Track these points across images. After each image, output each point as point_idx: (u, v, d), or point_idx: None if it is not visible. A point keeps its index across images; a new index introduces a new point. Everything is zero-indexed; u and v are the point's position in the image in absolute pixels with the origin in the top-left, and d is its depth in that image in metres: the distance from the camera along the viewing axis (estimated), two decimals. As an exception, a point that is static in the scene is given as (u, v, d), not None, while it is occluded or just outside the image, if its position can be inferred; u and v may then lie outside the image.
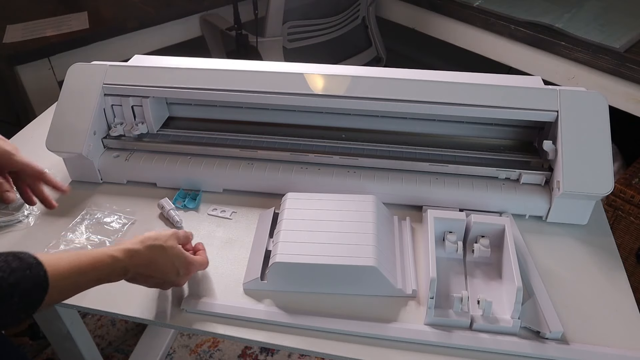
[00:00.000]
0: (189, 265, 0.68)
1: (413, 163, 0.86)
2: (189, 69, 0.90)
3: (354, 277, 0.69)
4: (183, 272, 0.67)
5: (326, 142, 0.91)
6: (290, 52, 1.75)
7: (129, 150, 0.92)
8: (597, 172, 0.77)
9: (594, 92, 0.82)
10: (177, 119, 0.99)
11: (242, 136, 0.93)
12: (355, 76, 0.87)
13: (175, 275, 0.66)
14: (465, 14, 1.66)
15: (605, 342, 0.65)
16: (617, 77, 1.35)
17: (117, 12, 1.63)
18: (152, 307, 0.70)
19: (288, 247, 0.70)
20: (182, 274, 0.67)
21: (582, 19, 1.51)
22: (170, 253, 0.65)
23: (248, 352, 1.45)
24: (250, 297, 0.71)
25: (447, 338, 0.64)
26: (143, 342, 1.41)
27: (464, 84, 0.84)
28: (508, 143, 0.92)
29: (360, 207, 0.76)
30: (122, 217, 0.83)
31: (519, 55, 1.57)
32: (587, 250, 0.78)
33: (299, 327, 0.67)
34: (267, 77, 0.88)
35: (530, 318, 0.66)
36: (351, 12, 1.89)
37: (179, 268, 0.66)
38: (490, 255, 0.73)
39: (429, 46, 1.98)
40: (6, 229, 0.82)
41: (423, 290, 0.71)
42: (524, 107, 0.82)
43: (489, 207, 0.83)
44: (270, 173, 0.87)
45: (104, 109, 0.91)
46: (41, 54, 1.43)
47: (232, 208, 0.86)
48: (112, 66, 0.92)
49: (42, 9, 1.64)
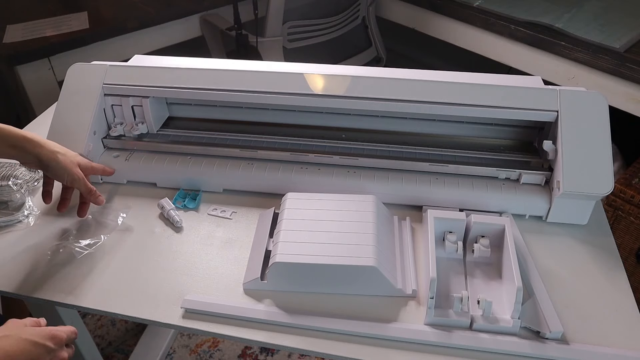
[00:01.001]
0: (55, 335, 0.59)
1: (413, 163, 0.86)
2: (189, 69, 0.90)
3: (354, 277, 0.69)
4: (54, 344, 0.59)
5: (326, 142, 0.91)
6: (290, 52, 1.75)
7: (129, 150, 0.92)
8: (597, 172, 0.77)
9: (594, 92, 0.82)
10: (177, 119, 0.99)
11: (242, 136, 0.93)
12: (355, 76, 0.87)
13: (49, 351, 0.58)
14: (465, 14, 1.66)
15: (605, 342, 0.65)
16: (617, 77, 1.35)
17: (117, 12, 1.64)
18: (152, 307, 0.69)
19: (288, 247, 0.70)
20: (55, 347, 0.59)
21: (582, 19, 1.51)
22: (23, 335, 0.57)
23: (248, 352, 1.45)
24: (250, 297, 0.71)
25: (447, 338, 0.64)
26: (143, 342, 1.41)
27: (464, 84, 0.84)
28: (508, 143, 0.92)
29: (360, 207, 0.76)
30: (123, 217, 0.83)
31: (519, 55, 1.57)
32: (587, 250, 0.78)
33: (299, 327, 0.67)
34: (267, 77, 0.88)
35: (530, 318, 0.66)
36: (351, 12, 1.89)
37: (44, 343, 0.58)
38: (490, 255, 0.73)
39: (429, 46, 1.98)
40: (6, 229, 0.82)
41: (423, 290, 0.71)
42: (524, 107, 0.82)
43: (489, 207, 0.83)
44: (270, 173, 0.87)
45: (104, 109, 0.91)
46: (41, 54, 1.43)
47: (232, 208, 0.86)
48: (112, 66, 0.92)
49: (42, 9, 1.64)
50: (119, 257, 0.77)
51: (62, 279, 0.74)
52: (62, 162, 0.76)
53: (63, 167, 0.76)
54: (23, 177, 0.89)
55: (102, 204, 0.82)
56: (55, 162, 0.75)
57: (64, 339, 0.61)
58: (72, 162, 0.78)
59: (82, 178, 0.79)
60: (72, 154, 0.80)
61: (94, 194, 0.80)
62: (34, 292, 0.72)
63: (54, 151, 0.76)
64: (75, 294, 0.71)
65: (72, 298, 0.71)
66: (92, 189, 0.80)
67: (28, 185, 0.88)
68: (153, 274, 0.74)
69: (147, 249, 0.79)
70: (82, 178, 0.78)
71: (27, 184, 0.88)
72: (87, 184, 0.79)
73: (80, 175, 0.78)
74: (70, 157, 0.78)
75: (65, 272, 0.75)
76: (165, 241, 0.80)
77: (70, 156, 0.79)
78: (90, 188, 0.80)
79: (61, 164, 0.76)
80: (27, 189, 0.87)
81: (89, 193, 0.80)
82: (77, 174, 0.78)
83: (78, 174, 0.78)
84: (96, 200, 0.81)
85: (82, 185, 0.79)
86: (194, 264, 0.76)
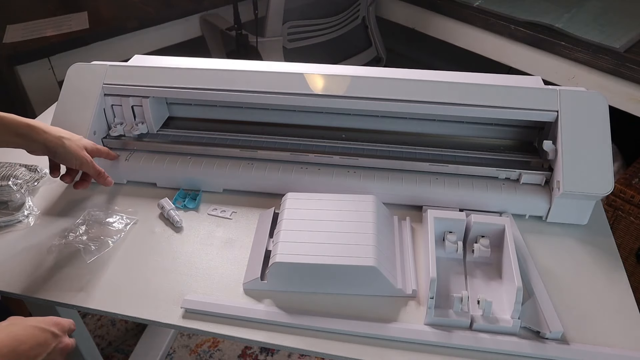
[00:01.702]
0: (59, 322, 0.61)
1: (413, 163, 0.86)
2: (189, 69, 0.90)
3: (354, 277, 0.69)
4: (59, 330, 0.60)
5: (326, 142, 0.91)
6: (290, 52, 1.75)
7: (129, 150, 0.92)
8: (597, 172, 0.77)
9: (594, 92, 0.82)
10: (177, 119, 0.99)
11: (242, 136, 0.93)
12: (355, 76, 0.87)
13: (54, 337, 0.59)
14: (465, 14, 1.66)
15: (605, 342, 0.65)
16: (617, 77, 1.35)
17: (117, 12, 1.64)
18: (152, 307, 0.70)
19: (288, 247, 0.70)
20: (60, 333, 0.60)
21: (582, 19, 1.51)
22: (29, 322, 0.59)
23: (248, 352, 1.45)
24: (250, 297, 0.71)
25: (447, 338, 0.64)
26: (143, 342, 1.41)
27: (464, 84, 0.84)
28: (508, 143, 0.92)
29: (360, 207, 0.76)
30: (124, 217, 0.83)
31: (519, 55, 1.57)
32: (587, 250, 0.78)
33: (299, 327, 0.67)
34: (267, 77, 0.88)
35: (530, 318, 0.66)
36: (351, 12, 1.89)
37: (50, 328, 0.59)
38: (490, 255, 0.73)
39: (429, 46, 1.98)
40: (6, 229, 0.82)
41: (423, 290, 0.71)
42: (524, 107, 0.82)
43: (489, 207, 0.83)
44: (270, 173, 0.87)
45: (104, 109, 0.91)
46: (41, 54, 1.43)
47: (232, 208, 0.86)
48: (112, 66, 0.92)
49: (42, 9, 1.64)
50: (119, 257, 0.77)
51: (62, 279, 0.74)
52: (69, 147, 0.76)
53: (70, 151, 0.76)
54: (23, 177, 0.89)
55: (110, 185, 0.84)
56: (62, 148, 0.76)
57: (66, 327, 0.62)
58: (78, 146, 0.78)
59: (90, 161, 0.79)
60: (77, 138, 0.80)
61: (103, 175, 0.81)
62: (34, 292, 0.72)
63: (60, 137, 0.76)
64: (75, 294, 0.71)
65: (72, 298, 0.71)
66: (101, 171, 0.81)
67: (28, 185, 0.88)
68: (153, 274, 0.74)
69: (147, 249, 0.79)
70: (90, 161, 0.79)
71: (27, 184, 0.88)
72: (95, 166, 0.80)
73: (87, 158, 0.79)
74: (76, 141, 0.79)
75: (66, 272, 0.75)
76: (165, 241, 0.80)
77: (75, 140, 0.79)
78: (98, 170, 0.81)
79: (68, 149, 0.76)
80: (27, 189, 0.87)
81: (98, 175, 0.81)
82: (85, 157, 0.78)
83: (85, 157, 0.78)
84: (105, 181, 0.82)
85: (91, 168, 0.80)
86: (194, 264, 0.76)
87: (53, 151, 0.76)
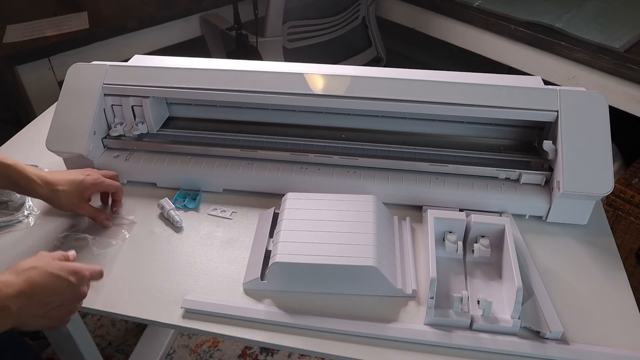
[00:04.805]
0: (78, 271, 0.63)
1: (413, 163, 0.86)
2: (189, 69, 0.90)
3: (354, 277, 0.69)
4: (76, 280, 0.62)
5: (326, 142, 0.91)
6: (290, 52, 1.75)
7: (129, 150, 0.92)
8: (597, 172, 0.77)
9: (594, 92, 0.82)
10: (177, 119, 0.99)
11: (242, 136, 0.93)
12: (355, 76, 0.87)
13: (70, 286, 0.61)
14: (465, 14, 1.66)
15: (605, 342, 0.65)
16: (617, 77, 1.35)
17: (117, 12, 1.64)
18: (152, 307, 0.70)
19: (288, 247, 0.70)
20: (76, 282, 0.62)
21: (582, 19, 1.51)
22: (49, 268, 0.60)
23: (248, 352, 1.45)
24: (250, 297, 0.71)
25: (447, 338, 0.64)
26: (143, 342, 1.41)
27: (464, 84, 0.84)
28: (508, 143, 0.92)
29: (360, 207, 0.76)
30: (124, 217, 0.83)
31: (519, 55, 1.57)
32: (587, 250, 0.78)
33: (299, 327, 0.67)
34: (267, 77, 0.88)
35: (530, 318, 0.66)
36: (351, 12, 1.89)
37: (67, 277, 0.61)
38: (490, 255, 0.73)
39: (429, 46, 1.98)
40: (6, 229, 0.82)
41: (423, 290, 0.71)
42: (524, 107, 0.82)
43: (489, 207, 0.83)
44: (270, 173, 0.87)
45: (104, 109, 0.91)
46: (41, 54, 1.43)
47: (232, 208, 0.86)
48: (112, 66, 0.92)
49: (42, 9, 1.64)
50: (118, 257, 0.77)
51: (62, 279, 0.73)
52: (64, 199, 0.77)
53: (65, 204, 0.78)
54: (23, 177, 0.89)
55: (108, 226, 0.82)
56: (57, 200, 0.77)
57: (86, 277, 0.64)
58: (74, 195, 0.78)
59: (85, 208, 0.80)
60: (77, 182, 0.78)
61: (99, 218, 0.81)
62: (34, 292, 0.72)
63: (55, 189, 0.76)
64: (75, 294, 0.71)
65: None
66: (97, 216, 0.81)
67: (28, 185, 0.88)
68: (153, 274, 0.74)
69: (147, 249, 0.79)
70: (84, 208, 0.80)
71: (27, 184, 0.88)
72: (91, 211, 0.81)
73: (82, 207, 0.79)
74: (74, 188, 0.78)
75: (65, 272, 0.74)
76: (165, 241, 0.80)
77: (74, 186, 0.78)
78: (93, 214, 0.81)
79: (62, 201, 0.77)
80: (27, 189, 0.87)
81: (95, 218, 0.81)
82: (79, 206, 0.79)
83: (80, 206, 0.79)
84: (102, 223, 0.82)
85: (87, 214, 0.81)
86: (194, 264, 0.76)
87: (49, 201, 0.78)
